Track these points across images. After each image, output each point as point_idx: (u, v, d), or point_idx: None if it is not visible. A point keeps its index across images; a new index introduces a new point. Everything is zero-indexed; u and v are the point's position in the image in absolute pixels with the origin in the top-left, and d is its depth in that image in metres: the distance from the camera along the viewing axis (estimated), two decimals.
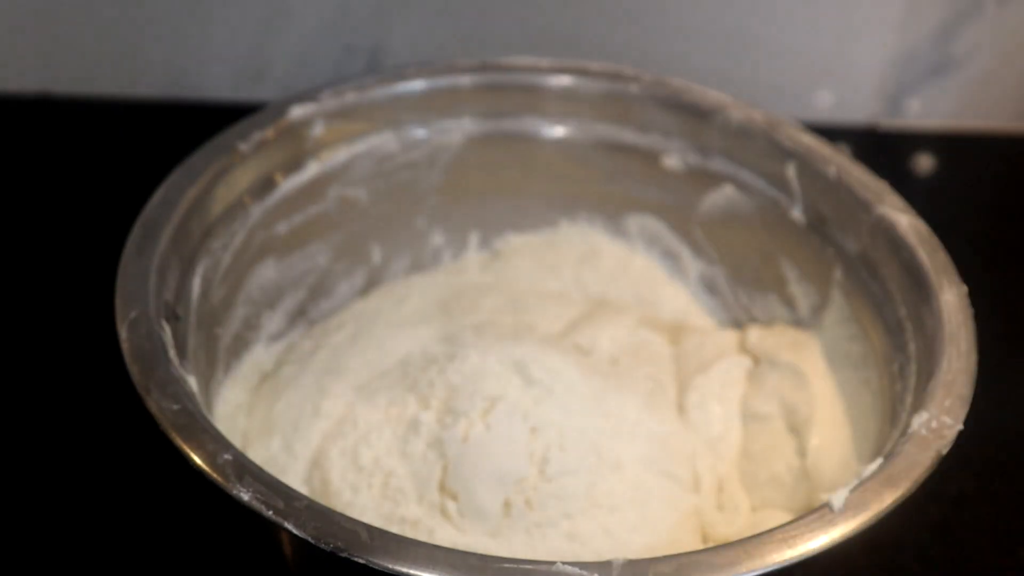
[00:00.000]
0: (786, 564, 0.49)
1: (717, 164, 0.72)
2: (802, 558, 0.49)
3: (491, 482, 0.59)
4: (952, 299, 0.60)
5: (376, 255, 0.75)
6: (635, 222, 0.76)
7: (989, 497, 0.71)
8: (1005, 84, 0.97)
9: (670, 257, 0.76)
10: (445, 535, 0.58)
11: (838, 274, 0.67)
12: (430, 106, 0.72)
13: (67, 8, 0.92)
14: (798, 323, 0.71)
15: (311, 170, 0.70)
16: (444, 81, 0.73)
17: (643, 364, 0.69)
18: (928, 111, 0.97)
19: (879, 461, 0.53)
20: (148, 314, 0.56)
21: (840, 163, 0.68)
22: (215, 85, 0.95)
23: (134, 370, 0.53)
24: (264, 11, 0.92)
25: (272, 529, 0.49)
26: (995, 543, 0.69)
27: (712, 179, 0.72)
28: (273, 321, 0.71)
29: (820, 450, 0.62)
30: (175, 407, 0.52)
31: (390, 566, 0.47)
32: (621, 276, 0.76)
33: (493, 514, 0.59)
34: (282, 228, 0.69)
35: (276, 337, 0.71)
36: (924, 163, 0.96)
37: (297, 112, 0.68)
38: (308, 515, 0.48)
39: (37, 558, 0.65)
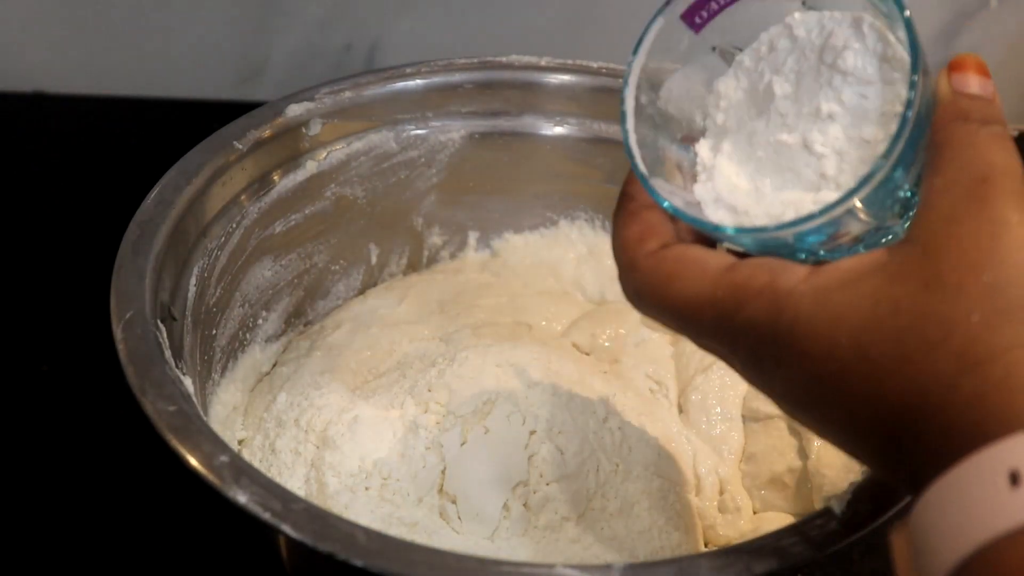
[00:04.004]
0: (787, 568, 0.48)
1: None
2: (804, 562, 0.49)
3: (490, 485, 0.59)
4: None
5: (374, 255, 0.75)
6: None
7: None
8: (1007, 85, 0.97)
9: None
10: (444, 538, 0.58)
11: None
12: (428, 104, 0.72)
13: (63, 6, 0.91)
14: None
15: (308, 169, 0.69)
16: (442, 79, 0.72)
17: (643, 364, 0.69)
18: None
19: None
20: (144, 314, 0.55)
21: None
22: (213, 83, 0.95)
23: (130, 371, 0.53)
24: (262, 9, 0.92)
25: (269, 532, 0.49)
26: None
27: None
28: (270, 322, 0.70)
29: (822, 452, 0.62)
30: (171, 408, 0.51)
31: (388, 569, 0.46)
32: None
33: (492, 517, 0.58)
34: (279, 228, 0.69)
35: (273, 338, 0.71)
36: None
37: (294, 111, 0.68)
38: (305, 517, 0.47)
39: (33, 559, 0.64)
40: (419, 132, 0.72)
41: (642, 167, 0.46)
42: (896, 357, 0.39)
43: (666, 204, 0.45)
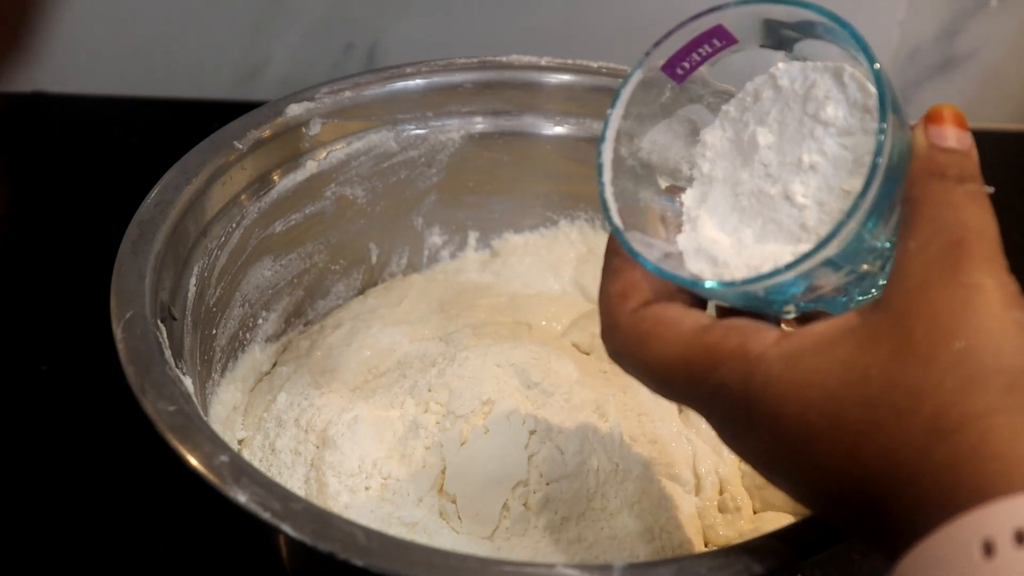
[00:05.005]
0: (787, 568, 0.48)
1: None
2: (804, 562, 0.49)
3: (490, 485, 0.59)
4: None
5: (374, 254, 0.75)
6: None
7: None
8: (1008, 83, 0.97)
9: None
10: (444, 538, 0.58)
11: None
12: (428, 104, 0.72)
13: (62, 6, 0.91)
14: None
15: (308, 169, 0.69)
16: (443, 79, 0.72)
17: None
18: None
19: None
20: (144, 314, 0.55)
21: None
22: (213, 83, 0.95)
23: (130, 371, 0.53)
24: (262, 9, 0.92)
25: (269, 532, 0.49)
26: None
27: None
28: (270, 322, 0.70)
29: None
30: (171, 408, 0.51)
31: (388, 569, 0.46)
32: None
33: (492, 517, 0.58)
34: (279, 227, 0.69)
35: (273, 338, 0.71)
36: None
37: (294, 110, 0.68)
38: (305, 517, 0.47)
39: (33, 559, 0.64)
40: (419, 132, 0.72)
41: (617, 221, 0.46)
42: (867, 425, 0.39)
43: (641, 258, 0.44)
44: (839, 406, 0.40)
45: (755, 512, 0.63)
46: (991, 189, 0.43)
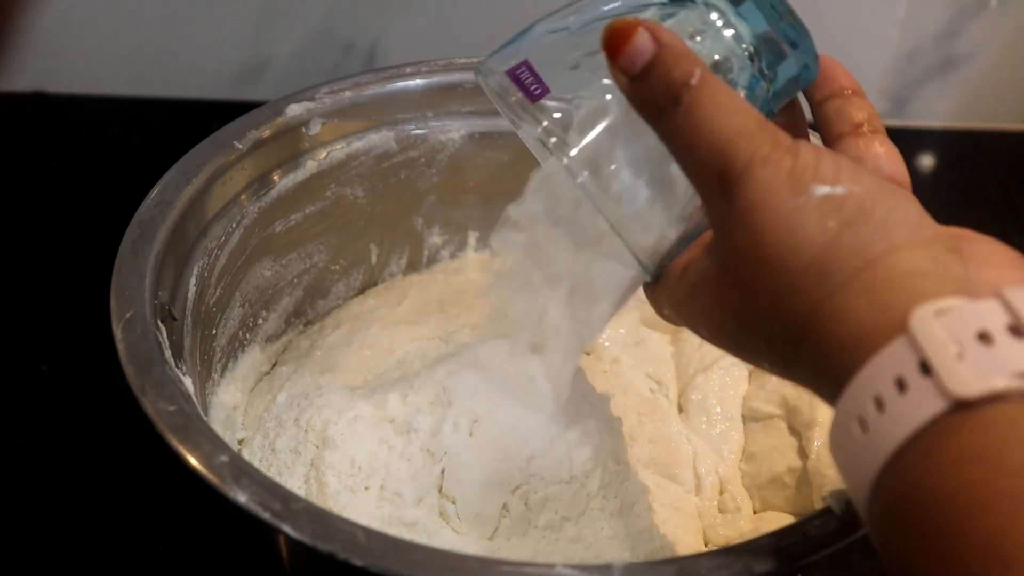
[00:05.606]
0: (787, 568, 0.48)
1: None
2: (804, 562, 0.49)
3: (490, 485, 0.59)
4: None
5: (374, 255, 0.75)
6: None
7: None
8: (1008, 83, 0.97)
9: None
10: (444, 538, 0.58)
11: None
12: (428, 104, 0.72)
13: (63, 5, 0.91)
14: None
15: (308, 169, 0.69)
16: (442, 79, 0.72)
17: (644, 364, 0.69)
18: (930, 110, 0.97)
19: None
20: (144, 314, 0.55)
21: None
22: (213, 83, 0.95)
23: (130, 371, 0.53)
24: (262, 9, 0.92)
25: (269, 532, 0.49)
26: None
27: None
28: (270, 322, 0.70)
29: (822, 452, 0.62)
30: (171, 408, 0.51)
31: (388, 569, 0.46)
32: None
33: (492, 517, 0.58)
34: (279, 227, 0.69)
35: (273, 338, 0.71)
36: (926, 162, 0.95)
37: (294, 111, 0.68)
38: (305, 517, 0.47)
39: (33, 559, 0.64)
40: (419, 132, 0.72)
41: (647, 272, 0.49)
42: (755, 348, 0.44)
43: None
44: (734, 340, 0.45)
45: (755, 512, 0.63)
46: (699, 72, 0.42)
